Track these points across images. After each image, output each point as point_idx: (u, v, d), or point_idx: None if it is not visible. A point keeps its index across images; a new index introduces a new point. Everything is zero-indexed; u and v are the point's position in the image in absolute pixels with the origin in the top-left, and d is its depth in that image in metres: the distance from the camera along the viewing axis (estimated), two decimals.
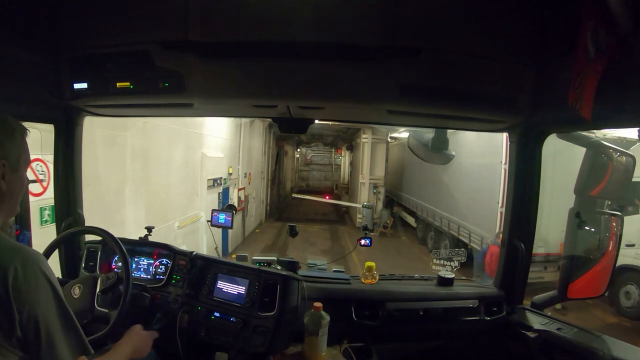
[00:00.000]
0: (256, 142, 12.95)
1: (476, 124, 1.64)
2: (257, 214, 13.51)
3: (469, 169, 8.03)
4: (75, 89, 1.36)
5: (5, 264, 0.80)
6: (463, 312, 1.69)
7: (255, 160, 12.97)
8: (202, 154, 7.53)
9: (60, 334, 0.87)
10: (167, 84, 1.29)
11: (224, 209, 2.03)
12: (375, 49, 1.18)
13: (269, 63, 1.24)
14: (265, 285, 1.52)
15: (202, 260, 1.66)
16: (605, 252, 1.52)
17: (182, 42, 1.21)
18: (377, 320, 1.64)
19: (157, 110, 1.88)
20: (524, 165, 1.60)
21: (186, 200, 6.81)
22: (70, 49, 1.33)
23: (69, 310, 0.91)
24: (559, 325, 1.54)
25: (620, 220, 1.50)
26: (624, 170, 1.53)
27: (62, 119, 1.64)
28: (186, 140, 6.84)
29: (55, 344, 0.85)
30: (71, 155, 1.71)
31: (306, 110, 1.54)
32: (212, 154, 8.04)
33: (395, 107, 1.36)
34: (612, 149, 1.52)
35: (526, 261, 1.65)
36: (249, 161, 11.81)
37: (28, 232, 2.01)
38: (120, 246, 1.43)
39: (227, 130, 9.55)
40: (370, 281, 1.79)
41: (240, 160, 10.63)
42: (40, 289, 0.84)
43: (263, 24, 1.16)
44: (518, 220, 1.64)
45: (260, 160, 13.83)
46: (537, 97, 1.29)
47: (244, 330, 1.47)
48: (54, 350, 0.85)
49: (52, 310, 0.86)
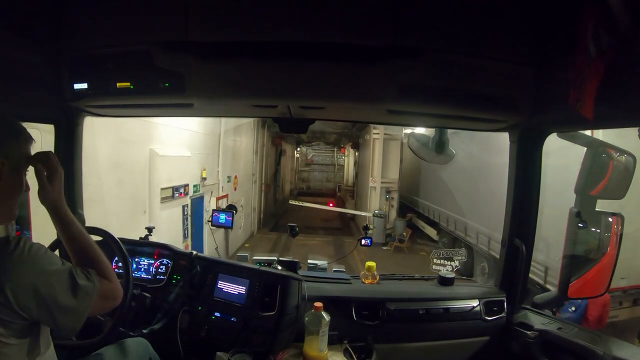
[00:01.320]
0: (244, 139, 10.95)
1: (476, 124, 1.64)
2: (247, 225, 11.38)
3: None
4: (76, 89, 1.36)
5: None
6: (464, 312, 1.69)
7: (245, 161, 11.02)
8: (151, 151, 5.29)
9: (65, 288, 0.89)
10: (168, 84, 1.29)
11: (224, 208, 2.03)
12: (376, 49, 1.18)
13: (269, 63, 1.24)
14: (265, 285, 1.52)
15: (203, 260, 1.66)
16: (605, 251, 1.51)
17: (182, 42, 1.21)
18: (377, 320, 1.64)
19: (157, 110, 1.88)
20: (525, 164, 1.60)
21: (127, 220, 4.42)
22: (71, 49, 1.33)
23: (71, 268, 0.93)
24: (560, 325, 1.54)
25: (620, 220, 1.50)
26: (625, 169, 1.53)
27: (62, 119, 1.64)
28: (124, 131, 4.55)
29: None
30: (71, 156, 1.71)
31: (306, 110, 1.54)
32: (169, 152, 5.72)
33: (395, 107, 1.36)
34: (612, 148, 1.52)
35: (527, 261, 1.65)
36: (235, 162, 9.84)
37: (28, 232, 2.01)
38: (121, 246, 1.43)
39: (201, 122, 7.22)
40: (371, 281, 1.79)
41: (221, 161, 8.54)
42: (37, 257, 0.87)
43: (263, 24, 1.16)
44: (518, 220, 1.64)
45: (251, 160, 11.82)
46: (538, 97, 1.29)
47: (245, 330, 1.47)
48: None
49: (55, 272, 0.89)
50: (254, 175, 12.18)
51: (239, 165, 10.32)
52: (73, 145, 1.71)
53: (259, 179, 12.93)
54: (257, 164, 12.53)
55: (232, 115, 6.09)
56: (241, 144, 10.52)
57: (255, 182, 12.42)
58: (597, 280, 1.54)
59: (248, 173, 11.49)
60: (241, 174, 10.42)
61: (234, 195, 9.58)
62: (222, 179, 8.61)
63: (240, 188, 10.26)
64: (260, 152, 12.91)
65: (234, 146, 9.65)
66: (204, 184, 7.42)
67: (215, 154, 8.31)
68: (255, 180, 12.40)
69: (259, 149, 12.76)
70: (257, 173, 12.48)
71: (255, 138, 12.27)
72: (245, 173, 11.05)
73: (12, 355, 0.85)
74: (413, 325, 1.68)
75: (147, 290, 1.59)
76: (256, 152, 12.31)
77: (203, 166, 7.40)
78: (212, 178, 7.98)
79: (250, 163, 11.75)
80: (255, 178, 12.38)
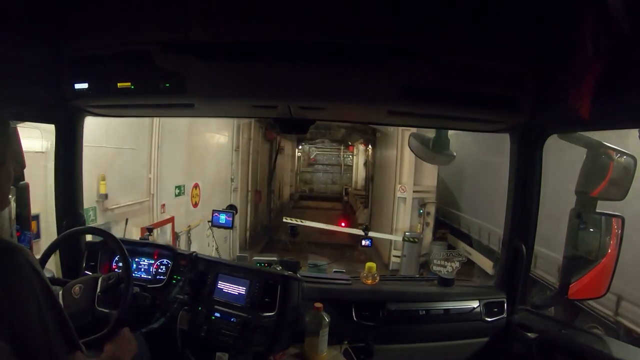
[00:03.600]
0: (217, 128, 7.92)
1: (476, 125, 1.65)
2: (225, 251, 7.77)
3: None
4: (76, 89, 1.37)
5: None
6: (464, 313, 1.68)
7: (217, 161, 7.95)
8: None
9: (53, 327, 0.84)
10: (168, 85, 1.29)
11: (224, 209, 2.03)
12: (377, 49, 1.18)
13: (270, 63, 1.24)
14: (265, 285, 1.52)
15: (203, 260, 1.66)
16: (606, 253, 1.51)
17: (182, 42, 1.21)
18: (377, 321, 1.64)
19: (158, 110, 1.89)
20: (525, 166, 1.60)
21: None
22: (72, 49, 1.34)
23: (60, 305, 0.89)
24: (560, 326, 1.54)
25: (621, 221, 1.50)
26: (625, 170, 1.52)
27: (62, 119, 1.64)
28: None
29: (50, 337, 0.83)
30: (72, 155, 1.72)
31: (307, 111, 1.54)
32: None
33: (396, 107, 1.37)
34: (612, 149, 1.52)
35: (527, 262, 1.65)
36: (196, 162, 6.75)
37: (28, 232, 2.01)
38: (121, 246, 1.43)
39: None
40: (371, 282, 1.79)
41: (160, 162, 5.40)
42: (30, 282, 0.82)
43: (263, 24, 1.16)
44: (519, 220, 1.64)
45: (229, 161, 8.68)
46: (538, 98, 1.29)
47: (245, 330, 1.46)
48: (47, 344, 0.82)
49: (43, 303, 0.83)
50: (234, 180, 8.67)
51: (206, 167, 7.13)
52: (73, 145, 1.71)
53: (243, 185, 9.60)
54: (240, 164, 9.04)
55: (232, 116, 5.93)
56: (210, 138, 7.35)
57: (237, 190, 8.91)
58: (597, 282, 1.54)
59: (223, 178, 8.06)
60: (210, 180, 7.24)
61: (192, 214, 6.29)
62: (160, 192, 5.41)
63: (209, 201, 6.96)
64: (246, 148, 9.64)
65: (192, 140, 6.46)
66: (107, 207, 4.39)
67: (145, 150, 5.10)
68: (237, 187, 8.90)
69: (244, 144, 9.41)
70: (238, 177, 8.90)
71: (236, 130, 8.92)
72: (218, 179, 7.74)
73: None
74: (413, 326, 1.68)
75: (147, 290, 1.59)
76: (236, 148, 8.87)
77: (103, 172, 4.27)
78: (132, 193, 4.88)
79: (228, 164, 8.45)
80: (237, 185, 8.86)
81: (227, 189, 8.34)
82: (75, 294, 1.38)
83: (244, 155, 9.52)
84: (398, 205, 8.61)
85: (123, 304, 1.34)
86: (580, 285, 1.53)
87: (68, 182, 1.74)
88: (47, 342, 0.83)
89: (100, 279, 1.41)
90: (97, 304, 1.36)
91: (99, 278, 1.41)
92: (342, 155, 24.32)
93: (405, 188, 8.53)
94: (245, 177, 9.78)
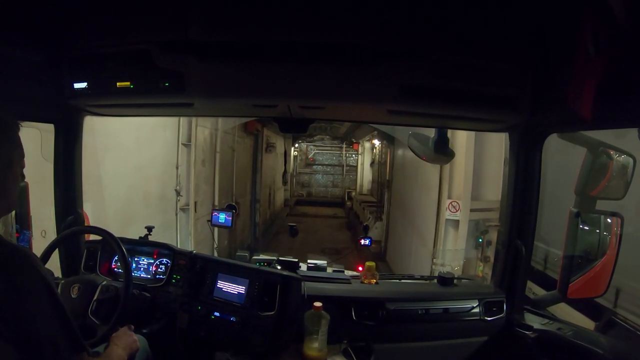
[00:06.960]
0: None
1: (476, 124, 1.65)
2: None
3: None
4: (75, 88, 1.36)
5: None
6: (463, 312, 1.69)
7: (138, 166, 4.28)
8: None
9: (57, 329, 0.85)
10: (168, 84, 1.29)
11: (224, 208, 2.02)
12: (376, 49, 1.18)
13: (270, 63, 1.24)
14: (265, 284, 1.52)
15: (202, 260, 1.66)
16: (605, 252, 1.51)
17: (182, 42, 1.21)
18: (377, 320, 1.64)
19: (157, 109, 1.89)
20: (525, 165, 1.60)
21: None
22: (71, 48, 1.33)
23: (64, 307, 0.89)
24: (559, 325, 1.54)
25: (620, 221, 1.50)
26: (624, 170, 1.53)
27: (62, 118, 1.64)
28: None
29: (55, 339, 0.83)
30: (71, 155, 1.72)
31: (307, 110, 1.54)
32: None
33: (395, 107, 1.36)
34: (612, 148, 1.52)
35: (526, 261, 1.65)
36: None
37: (28, 232, 2.01)
38: (120, 246, 1.43)
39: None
40: (371, 281, 1.79)
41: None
42: (33, 284, 0.83)
43: (263, 24, 1.16)
44: (518, 220, 1.65)
45: (172, 163, 5.25)
46: (537, 97, 1.29)
47: (244, 329, 1.47)
48: (52, 345, 0.83)
49: (46, 305, 0.84)
50: (180, 194, 5.38)
51: (107, 177, 3.63)
52: (73, 144, 1.71)
53: (205, 199, 6.32)
54: (193, 167, 5.72)
55: (232, 115, 5.31)
56: (117, 124, 3.63)
57: (188, 210, 5.60)
58: (597, 280, 1.54)
59: (159, 193, 4.92)
60: (121, 197, 3.94)
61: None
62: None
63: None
64: (209, 143, 6.56)
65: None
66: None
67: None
68: (189, 203, 5.63)
69: (205, 137, 6.36)
70: (191, 188, 5.68)
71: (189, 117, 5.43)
72: (148, 192, 4.58)
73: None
74: (412, 325, 1.68)
75: (146, 289, 1.59)
76: (187, 142, 5.58)
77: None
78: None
79: (172, 168, 5.27)
80: (189, 199, 5.65)
81: (167, 209, 5.12)
82: (73, 294, 1.38)
83: (206, 154, 6.38)
84: (445, 230, 5.23)
85: (122, 303, 1.35)
86: (579, 284, 1.53)
87: (67, 181, 1.74)
88: (52, 343, 0.83)
89: (100, 286, 1.41)
90: (90, 311, 1.35)
91: (99, 285, 1.41)
92: (344, 155, 21.49)
93: (458, 206, 5.13)
94: (209, 187, 6.57)
